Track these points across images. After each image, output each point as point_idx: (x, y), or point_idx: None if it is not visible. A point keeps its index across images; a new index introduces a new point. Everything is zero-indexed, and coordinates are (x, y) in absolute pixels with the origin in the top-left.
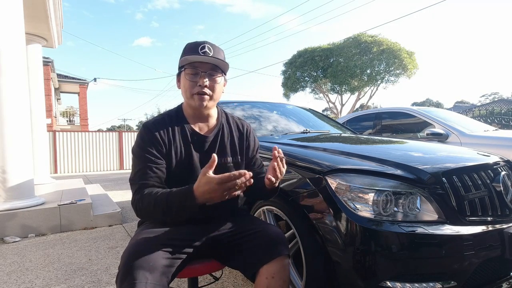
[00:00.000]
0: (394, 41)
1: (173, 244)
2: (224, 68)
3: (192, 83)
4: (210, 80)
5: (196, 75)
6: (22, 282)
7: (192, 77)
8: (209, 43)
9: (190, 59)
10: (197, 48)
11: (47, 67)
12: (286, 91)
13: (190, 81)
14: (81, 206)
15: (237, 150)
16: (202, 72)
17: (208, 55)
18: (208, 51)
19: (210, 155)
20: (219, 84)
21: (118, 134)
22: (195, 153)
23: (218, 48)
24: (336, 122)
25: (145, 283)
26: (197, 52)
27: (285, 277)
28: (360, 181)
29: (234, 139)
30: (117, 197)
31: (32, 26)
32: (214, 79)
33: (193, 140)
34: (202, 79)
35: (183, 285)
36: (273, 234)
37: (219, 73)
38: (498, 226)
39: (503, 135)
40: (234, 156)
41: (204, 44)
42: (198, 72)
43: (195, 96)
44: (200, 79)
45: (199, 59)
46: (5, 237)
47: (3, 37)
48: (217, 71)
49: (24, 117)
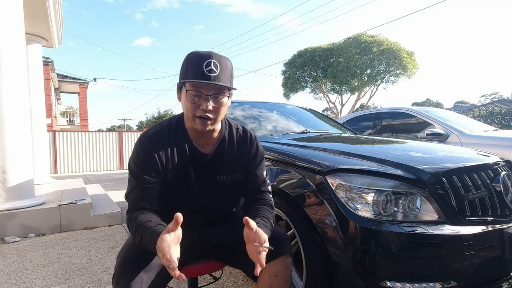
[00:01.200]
0: (394, 41)
1: None
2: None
3: (194, 105)
4: (215, 103)
5: (200, 97)
6: (22, 282)
7: (194, 99)
8: (215, 57)
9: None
10: (201, 66)
11: (47, 67)
12: (286, 91)
13: (193, 103)
14: (81, 206)
15: (235, 167)
16: (205, 95)
17: (214, 73)
18: (214, 69)
19: (207, 172)
20: (225, 106)
21: (118, 134)
22: (192, 170)
23: (224, 60)
24: (336, 122)
25: (140, 283)
26: (202, 71)
27: (287, 276)
28: (360, 181)
29: (235, 155)
30: (117, 197)
31: (32, 26)
32: (219, 101)
33: (191, 156)
34: (206, 103)
35: (183, 285)
36: (277, 233)
37: (225, 94)
38: (498, 226)
39: (503, 135)
40: (232, 173)
41: (210, 60)
42: (201, 95)
43: (197, 119)
44: (203, 102)
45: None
46: (5, 237)
47: (3, 37)
48: (223, 92)
49: (24, 117)
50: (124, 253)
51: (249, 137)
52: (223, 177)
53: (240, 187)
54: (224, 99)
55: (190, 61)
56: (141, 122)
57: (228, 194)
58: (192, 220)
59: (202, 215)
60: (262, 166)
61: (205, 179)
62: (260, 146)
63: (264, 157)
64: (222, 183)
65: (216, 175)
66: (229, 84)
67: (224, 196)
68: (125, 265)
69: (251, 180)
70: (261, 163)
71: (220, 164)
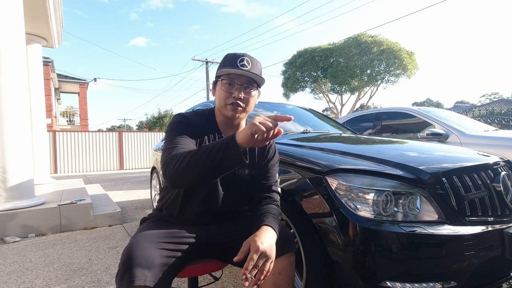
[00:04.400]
0: (394, 41)
1: (173, 243)
2: (259, 82)
3: (227, 93)
4: (245, 93)
5: (232, 87)
6: (22, 282)
7: (228, 88)
8: (248, 56)
9: (227, 70)
10: (236, 60)
11: (47, 67)
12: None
13: (226, 91)
14: (81, 206)
15: (255, 163)
16: (238, 84)
17: (246, 68)
18: (246, 64)
19: None
20: (253, 98)
21: (118, 134)
22: None
23: (256, 61)
24: (336, 122)
25: (144, 281)
26: (236, 65)
27: (291, 274)
28: (360, 181)
29: (256, 152)
30: (117, 197)
31: (32, 26)
32: (249, 92)
33: None
34: (238, 92)
35: (183, 285)
36: (282, 232)
37: (254, 87)
38: (498, 226)
39: (503, 135)
40: (252, 168)
41: (243, 57)
42: (234, 84)
43: (228, 106)
44: (235, 91)
45: (236, 72)
46: (5, 237)
47: (3, 37)
48: (253, 85)
49: (24, 117)
50: (128, 251)
51: None
52: (242, 171)
53: (254, 183)
54: (254, 91)
55: (227, 58)
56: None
57: (243, 189)
58: (201, 212)
59: (214, 207)
60: (277, 167)
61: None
62: (277, 149)
63: (279, 161)
64: (241, 177)
65: (237, 169)
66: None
67: (240, 190)
68: (129, 263)
69: (265, 177)
70: (276, 164)
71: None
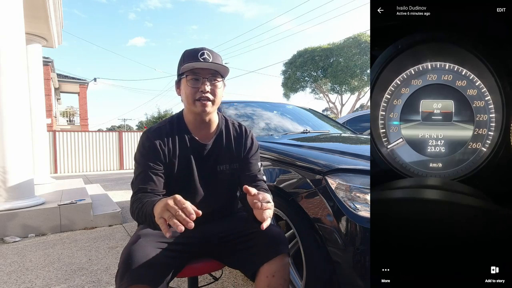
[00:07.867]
0: None
1: (172, 242)
2: (223, 72)
3: (194, 89)
4: (211, 85)
5: (198, 81)
6: (22, 282)
7: (193, 83)
8: (207, 50)
9: (190, 66)
10: (196, 55)
11: (47, 67)
12: (286, 91)
13: (192, 87)
14: (81, 206)
15: (234, 156)
16: (203, 78)
17: (208, 61)
18: (207, 57)
19: (208, 162)
20: (220, 89)
21: (118, 134)
22: (194, 161)
23: (216, 53)
24: (336, 122)
25: (144, 280)
26: (197, 59)
27: (285, 275)
28: (360, 181)
29: (232, 145)
30: (117, 197)
31: (32, 26)
32: (215, 84)
33: (192, 147)
34: (204, 85)
35: (183, 285)
36: (273, 233)
37: (219, 78)
38: None
39: None
40: (232, 163)
41: (203, 50)
42: (199, 78)
43: (197, 102)
44: (201, 85)
45: (200, 65)
46: (5, 237)
47: (3, 37)
48: (217, 76)
49: (24, 116)
50: (128, 251)
51: (244, 130)
52: (222, 167)
53: (238, 176)
54: (219, 83)
55: (187, 54)
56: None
57: (227, 184)
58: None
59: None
60: (257, 156)
61: (206, 169)
62: (254, 138)
63: (258, 149)
64: (222, 173)
65: (216, 165)
66: (221, 67)
67: (224, 186)
68: (129, 262)
69: (248, 169)
70: (256, 154)
71: (219, 154)
